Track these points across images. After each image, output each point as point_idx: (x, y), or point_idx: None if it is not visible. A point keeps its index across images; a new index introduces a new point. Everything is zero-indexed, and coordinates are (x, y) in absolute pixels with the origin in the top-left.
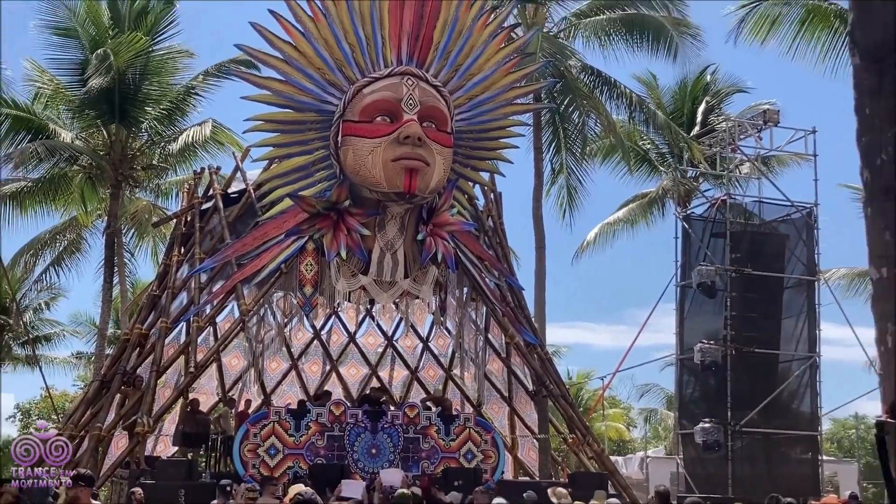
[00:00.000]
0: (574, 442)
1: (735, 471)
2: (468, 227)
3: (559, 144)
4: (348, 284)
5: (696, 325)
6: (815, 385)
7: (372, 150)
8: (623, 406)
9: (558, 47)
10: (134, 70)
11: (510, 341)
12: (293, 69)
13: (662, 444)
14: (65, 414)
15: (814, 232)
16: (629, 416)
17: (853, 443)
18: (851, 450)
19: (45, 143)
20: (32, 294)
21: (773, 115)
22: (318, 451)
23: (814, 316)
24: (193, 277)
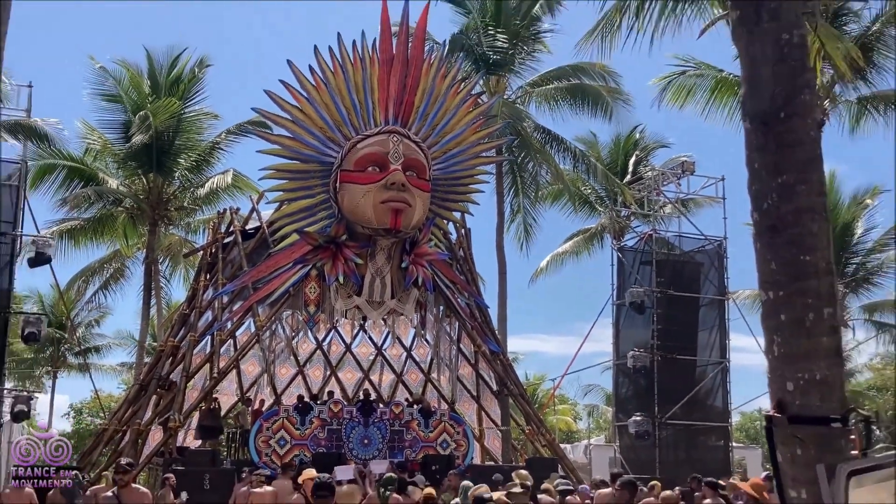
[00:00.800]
0: (530, 432)
1: (661, 456)
2: (443, 256)
3: (517, 189)
4: (345, 304)
5: (629, 336)
6: (725, 385)
7: (364, 194)
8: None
9: (515, 111)
10: (169, 129)
11: (478, 350)
12: (299, 128)
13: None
14: (110, 412)
15: (724, 260)
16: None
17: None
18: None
19: (95, 189)
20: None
21: (690, 165)
22: (319, 442)
23: (724, 328)
24: (217, 299)
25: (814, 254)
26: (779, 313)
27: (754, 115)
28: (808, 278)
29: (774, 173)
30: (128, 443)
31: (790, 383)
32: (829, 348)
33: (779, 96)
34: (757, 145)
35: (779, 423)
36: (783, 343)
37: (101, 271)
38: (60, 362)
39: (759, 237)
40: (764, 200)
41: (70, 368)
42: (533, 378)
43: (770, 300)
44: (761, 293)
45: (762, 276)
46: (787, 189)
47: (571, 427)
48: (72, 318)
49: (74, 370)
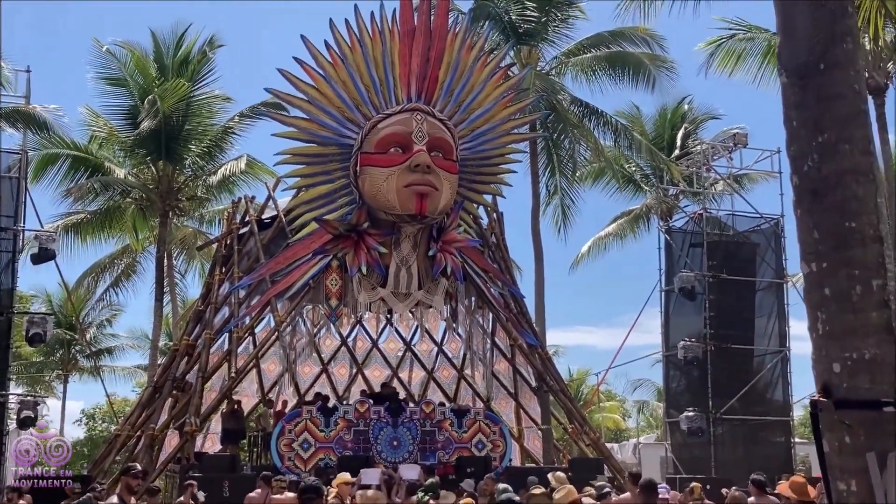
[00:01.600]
0: (573, 431)
1: (717, 454)
2: (474, 243)
3: (553, 169)
4: (369, 296)
5: (679, 326)
6: (786, 375)
7: (387, 178)
8: (618, 399)
9: (549, 83)
10: (178, 113)
11: (514, 343)
12: (316, 109)
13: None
14: (123, 416)
15: (781, 240)
16: (624, 407)
17: None
18: None
19: (101, 179)
20: (95, 312)
21: (742, 137)
22: (345, 445)
23: (783, 314)
24: (233, 293)
25: (859, 219)
26: (822, 287)
27: (790, 67)
28: (854, 247)
29: (814, 131)
30: (142, 448)
31: (836, 364)
32: (878, 324)
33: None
34: (794, 101)
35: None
36: (828, 320)
37: (110, 267)
38: (71, 365)
39: (800, 203)
40: (804, 162)
41: (82, 372)
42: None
43: (813, 272)
44: (803, 265)
45: (804, 247)
46: (828, 148)
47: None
48: (81, 318)
49: (86, 374)
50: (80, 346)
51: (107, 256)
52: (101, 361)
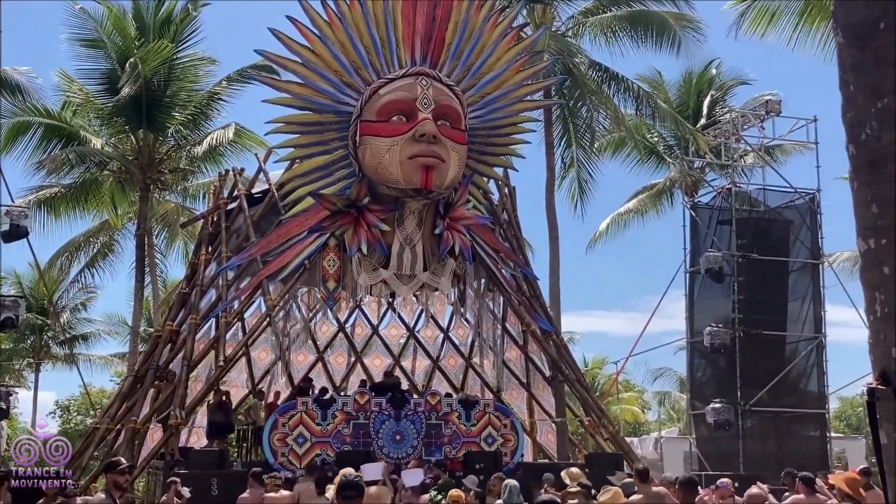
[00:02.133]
0: (590, 424)
1: (746, 448)
2: (484, 220)
3: (569, 139)
4: (370, 278)
5: (705, 310)
6: (821, 364)
7: (389, 149)
8: (637, 389)
9: (566, 45)
10: (160, 77)
11: (526, 329)
12: (311, 72)
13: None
14: (101, 409)
15: (817, 217)
16: (643, 398)
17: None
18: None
19: (77, 150)
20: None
21: (775, 105)
22: (344, 439)
23: (819, 298)
24: (221, 275)
25: None
26: (881, 265)
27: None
28: None
29: (873, 97)
30: (122, 443)
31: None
32: None
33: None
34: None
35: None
36: (887, 301)
37: (86, 246)
38: (43, 353)
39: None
40: (861, 130)
41: (55, 360)
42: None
43: (871, 250)
44: (860, 242)
45: (861, 222)
46: (888, 115)
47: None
48: (54, 301)
49: (60, 362)
50: (53, 332)
51: (82, 234)
52: (76, 349)
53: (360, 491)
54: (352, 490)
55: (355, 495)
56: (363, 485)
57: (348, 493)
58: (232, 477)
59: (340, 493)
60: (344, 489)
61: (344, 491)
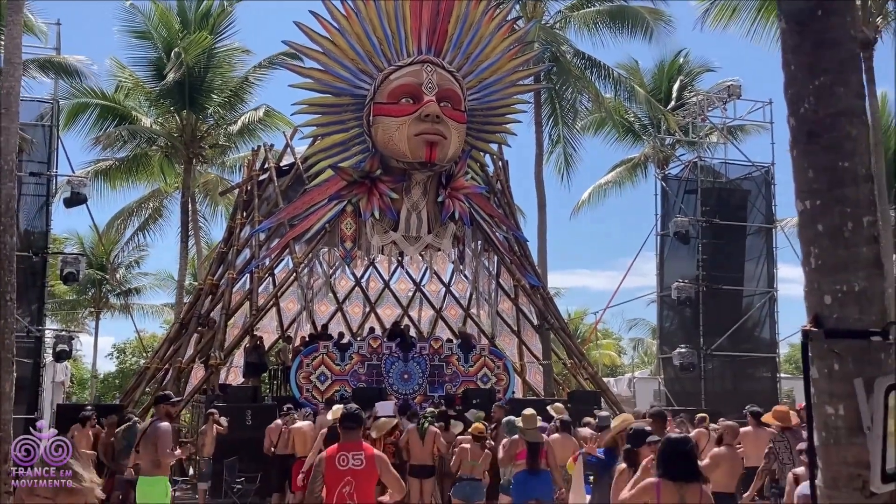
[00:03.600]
0: (572, 366)
1: (707, 388)
2: (480, 189)
3: (556, 118)
4: (381, 240)
5: (673, 268)
6: (773, 315)
7: (398, 127)
8: (615, 337)
9: (553, 36)
10: (200, 65)
11: (518, 284)
12: (331, 60)
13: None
14: (152, 351)
15: (771, 187)
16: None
17: None
18: None
19: (129, 128)
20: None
21: (736, 89)
22: (359, 377)
23: (771, 258)
24: (254, 236)
25: (852, 159)
26: (816, 223)
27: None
28: (846, 185)
29: (811, 75)
30: (170, 380)
31: (828, 296)
32: (868, 258)
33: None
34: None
35: (815, 337)
36: (820, 254)
37: (138, 211)
38: (102, 303)
39: (796, 144)
40: (801, 104)
41: (112, 309)
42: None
43: (807, 210)
44: (798, 203)
45: (799, 185)
46: (824, 91)
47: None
48: (112, 259)
49: (117, 311)
50: (111, 286)
51: (135, 201)
52: (131, 300)
53: (360, 422)
54: (351, 421)
55: (355, 426)
56: (362, 416)
57: (348, 423)
58: (264, 409)
59: (341, 423)
60: (344, 420)
61: (344, 421)
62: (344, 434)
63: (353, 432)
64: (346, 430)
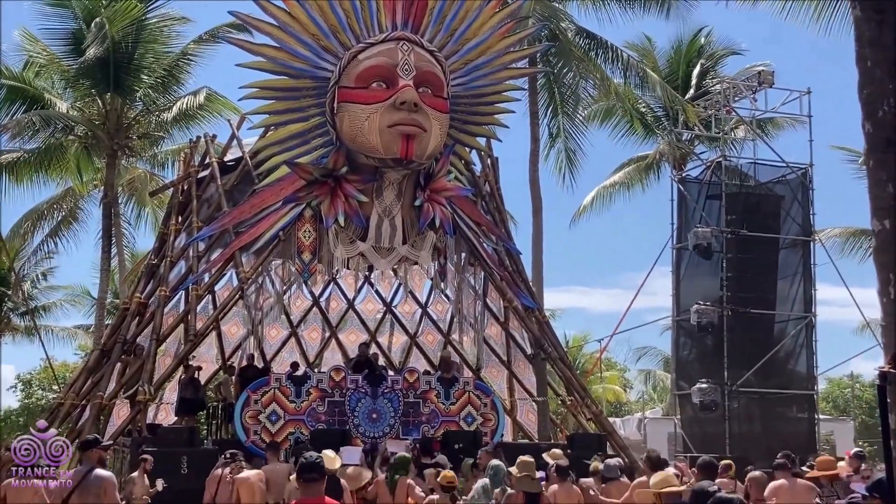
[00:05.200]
0: (572, 404)
1: (732, 430)
2: (465, 192)
3: (555, 108)
4: (347, 251)
5: (692, 287)
6: (811, 345)
7: (368, 117)
8: (620, 368)
9: (552, 11)
10: (128, 38)
11: (508, 305)
12: (287, 35)
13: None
14: (66, 384)
15: (809, 192)
16: (626, 377)
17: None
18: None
19: (41, 113)
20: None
21: (768, 76)
22: (319, 417)
23: (809, 276)
24: (191, 246)
25: None
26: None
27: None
28: None
29: (892, 73)
30: (88, 420)
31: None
32: None
33: None
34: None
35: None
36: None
37: (50, 214)
38: (4, 325)
39: (873, 153)
40: (879, 107)
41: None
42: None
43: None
44: (874, 222)
45: (875, 202)
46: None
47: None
48: (16, 270)
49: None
50: (14, 303)
51: (45, 201)
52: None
53: (323, 474)
54: (315, 472)
55: (318, 478)
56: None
57: (310, 475)
58: (202, 455)
59: (301, 476)
60: (303, 471)
61: (304, 473)
62: (304, 488)
63: (314, 485)
64: (307, 482)
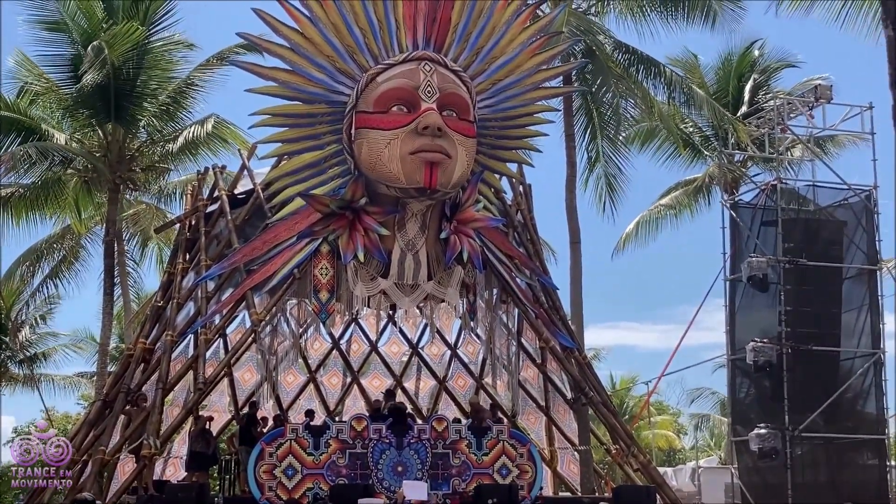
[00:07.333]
0: (618, 453)
1: (795, 479)
2: (496, 222)
3: (593, 130)
4: (367, 289)
5: (748, 322)
6: (880, 384)
7: (388, 143)
8: (671, 412)
9: (588, 24)
10: (130, 64)
11: (545, 346)
12: (300, 58)
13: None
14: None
15: (874, 217)
16: (678, 422)
17: None
18: None
19: (38, 145)
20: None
21: (826, 90)
22: (339, 471)
23: (877, 308)
24: (200, 286)
25: None
26: None
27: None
28: None
29: None
30: (89, 476)
31: None
32: None
33: None
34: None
35: None
36: None
37: (48, 254)
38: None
39: None
40: None
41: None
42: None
43: None
44: None
45: None
46: None
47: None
48: (13, 316)
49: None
50: (11, 351)
51: (43, 240)
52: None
53: None
54: None
55: None
56: None
57: None
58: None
59: None
60: None
61: None
62: None
63: None
64: None
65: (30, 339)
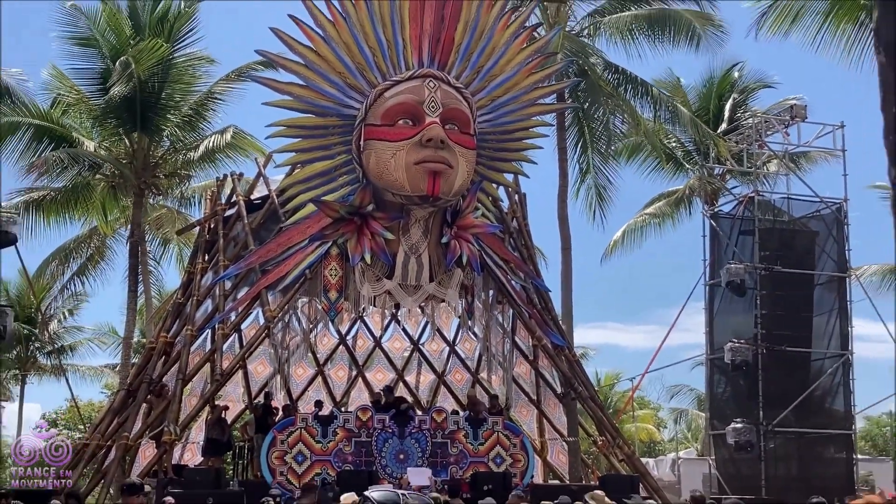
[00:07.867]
0: (604, 444)
1: (768, 471)
2: (493, 229)
3: (584, 144)
4: (373, 289)
5: (726, 325)
6: (848, 383)
7: (394, 154)
8: (653, 407)
9: (580, 46)
10: (155, 78)
11: (537, 344)
12: (314, 74)
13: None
14: (91, 424)
15: (844, 228)
16: (659, 416)
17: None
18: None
19: (69, 151)
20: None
21: (801, 110)
22: (345, 458)
23: (845, 313)
24: (218, 284)
25: None
26: None
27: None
28: None
29: None
30: (113, 461)
31: None
32: None
33: None
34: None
35: None
36: None
37: (77, 252)
38: (30, 364)
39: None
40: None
41: (41, 372)
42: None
43: None
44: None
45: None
46: None
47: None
48: (43, 310)
49: (47, 373)
50: (41, 343)
51: (72, 240)
52: (64, 360)
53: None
54: None
55: None
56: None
57: None
58: (228, 497)
59: None
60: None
61: None
62: None
63: None
64: None
65: (58, 332)
